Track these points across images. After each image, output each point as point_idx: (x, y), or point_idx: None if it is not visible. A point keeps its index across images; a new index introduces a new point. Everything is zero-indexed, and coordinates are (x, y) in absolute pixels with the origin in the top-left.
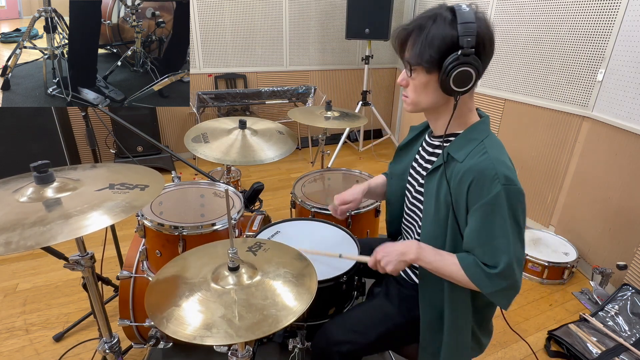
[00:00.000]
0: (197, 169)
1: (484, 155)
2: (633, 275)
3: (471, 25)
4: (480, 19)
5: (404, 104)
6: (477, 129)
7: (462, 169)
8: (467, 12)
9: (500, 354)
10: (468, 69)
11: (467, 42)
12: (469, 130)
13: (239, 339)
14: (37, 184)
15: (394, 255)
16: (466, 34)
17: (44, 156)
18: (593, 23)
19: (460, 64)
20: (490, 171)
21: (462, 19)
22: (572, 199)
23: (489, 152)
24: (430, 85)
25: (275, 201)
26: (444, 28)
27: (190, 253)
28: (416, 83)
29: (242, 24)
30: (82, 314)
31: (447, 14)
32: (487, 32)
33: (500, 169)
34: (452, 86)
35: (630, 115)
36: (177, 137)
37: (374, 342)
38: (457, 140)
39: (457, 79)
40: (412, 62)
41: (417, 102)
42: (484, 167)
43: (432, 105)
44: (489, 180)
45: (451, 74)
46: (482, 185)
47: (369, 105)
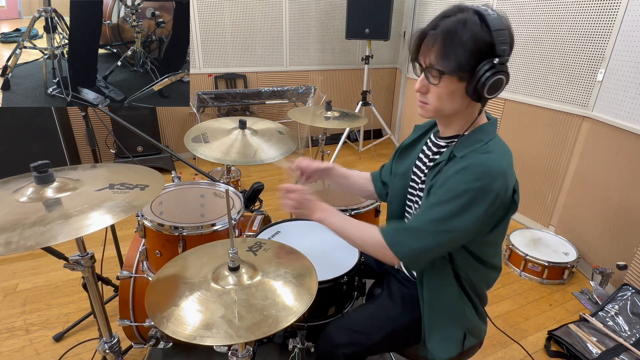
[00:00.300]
0: (197, 169)
1: (486, 154)
2: (633, 275)
3: (505, 33)
4: (509, 25)
5: (421, 110)
6: (485, 130)
7: (457, 162)
8: (497, 19)
9: (500, 354)
10: (502, 77)
11: (503, 50)
12: (476, 131)
13: (239, 339)
14: (37, 184)
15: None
16: (502, 41)
17: (44, 156)
18: (593, 23)
19: (497, 72)
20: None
21: (494, 26)
22: (572, 199)
23: (494, 152)
24: (457, 93)
25: (275, 201)
26: (478, 34)
27: (190, 253)
28: (441, 91)
29: (242, 24)
30: (82, 314)
31: (475, 18)
32: (513, 37)
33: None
34: (485, 94)
35: (630, 115)
36: (177, 137)
37: (379, 343)
38: (464, 140)
39: (492, 87)
40: (445, 70)
41: (440, 109)
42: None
43: (455, 111)
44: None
45: (487, 83)
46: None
47: (369, 105)
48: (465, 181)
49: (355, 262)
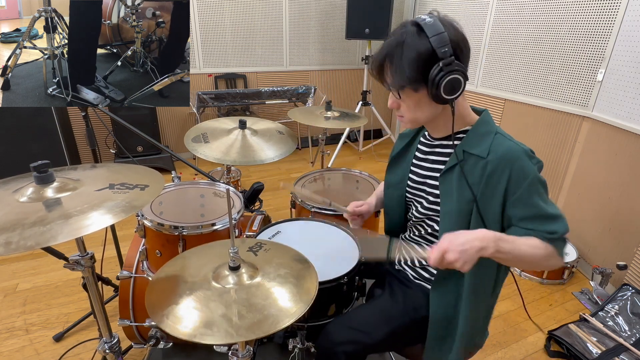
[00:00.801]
0: (197, 169)
1: (507, 142)
2: (633, 275)
3: (442, 36)
4: (447, 25)
5: (402, 123)
6: (485, 122)
7: (492, 163)
8: (433, 23)
9: (500, 354)
10: (455, 76)
11: (444, 52)
12: (477, 125)
13: (239, 338)
14: (37, 184)
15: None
16: (441, 44)
17: (44, 156)
18: (593, 23)
19: (445, 73)
20: (522, 156)
21: (431, 32)
22: (572, 199)
23: (510, 139)
24: (423, 101)
25: (275, 201)
26: (416, 45)
27: (190, 252)
28: (408, 103)
29: (242, 24)
30: (82, 314)
31: (413, 30)
32: (458, 34)
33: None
34: (444, 96)
35: (630, 115)
36: (177, 137)
37: (380, 342)
38: (469, 137)
39: (448, 88)
40: (396, 86)
41: (415, 119)
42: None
43: (430, 117)
44: (526, 164)
45: (440, 85)
46: (521, 171)
47: (369, 105)
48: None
49: (356, 262)
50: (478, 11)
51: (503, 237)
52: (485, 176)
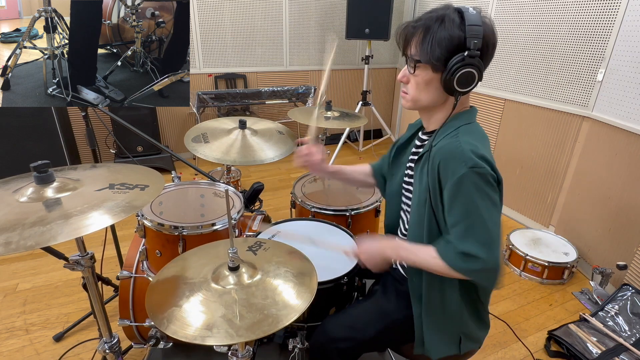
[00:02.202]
0: (197, 169)
1: (453, 138)
2: (633, 275)
3: (478, 28)
4: (486, 22)
5: (403, 100)
6: (459, 117)
7: (433, 152)
8: (474, 15)
9: (500, 354)
10: (472, 70)
11: (474, 44)
12: (451, 120)
13: (240, 338)
14: (37, 184)
15: (376, 259)
16: (473, 36)
17: (44, 156)
18: (593, 23)
19: (465, 65)
20: (456, 152)
21: (469, 21)
22: (572, 199)
23: (460, 136)
24: (433, 84)
25: (275, 201)
26: (452, 28)
27: (190, 253)
28: (418, 80)
29: (242, 24)
30: (82, 314)
31: (454, 15)
32: (492, 36)
33: (467, 151)
34: (455, 86)
35: (630, 115)
36: (177, 137)
37: (373, 339)
38: (440, 130)
39: (460, 80)
40: (419, 59)
41: (417, 99)
42: (450, 148)
43: (431, 103)
44: (455, 162)
45: (455, 74)
46: (448, 166)
47: (369, 105)
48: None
49: (356, 262)
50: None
51: (403, 246)
52: (431, 165)
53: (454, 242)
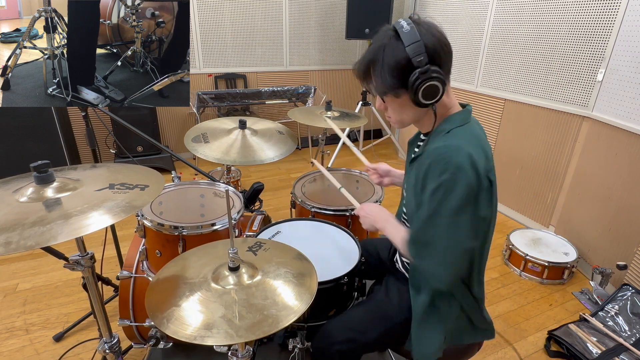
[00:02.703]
0: (197, 169)
1: (443, 142)
2: (633, 275)
3: (417, 45)
4: (423, 31)
5: (391, 123)
6: (450, 120)
7: (425, 154)
8: (409, 32)
9: (500, 354)
10: (432, 83)
11: (420, 61)
12: (443, 122)
13: (239, 339)
14: (37, 184)
15: (368, 222)
16: (416, 54)
17: (44, 156)
18: (593, 23)
19: (423, 81)
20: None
21: (407, 41)
22: (572, 199)
23: (450, 140)
24: (406, 104)
25: (275, 201)
26: (394, 54)
27: (190, 253)
28: (393, 106)
29: (242, 24)
30: (82, 314)
31: (391, 40)
32: (435, 40)
33: (454, 156)
34: (424, 101)
35: (630, 115)
36: (177, 137)
37: (374, 341)
38: (433, 133)
39: (426, 94)
40: (378, 93)
41: (401, 120)
42: (439, 151)
43: (416, 119)
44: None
45: (418, 92)
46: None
47: (369, 105)
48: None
49: (356, 262)
50: (478, 11)
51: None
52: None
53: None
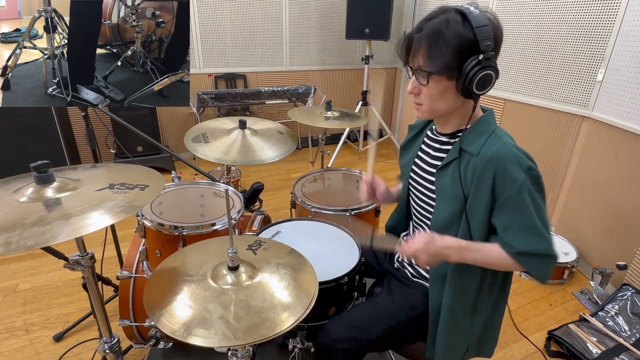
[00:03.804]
0: (197, 169)
1: (499, 142)
2: (633, 275)
3: (487, 28)
4: (492, 20)
5: (417, 112)
6: (486, 121)
7: (481, 161)
8: (480, 15)
9: (500, 354)
10: (490, 72)
11: (487, 45)
12: (477, 124)
13: (236, 341)
14: (37, 184)
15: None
16: (485, 37)
17: (44, 156)
18: (593, 23)
19: (483, 68)
20: (512, 159)
21: (476, 23)
22: (572, 199)
23: (503, 140)
24: (449, 91)
25: (275, 201)
26: (460, 33)
27: (190, 249)
28: (432, 91)
29: (242, 24)
30: (82, 314)
31: (457, 17)
32: (500, 33)
33: (520, 156)
34: (475, 90)
35: (630, 115)
36: (177, 137)
37: (377, 340)
38: (468, 134)
39: (481, 83)
40: (432, 71)
41: (434, 109)
42: (503, 155)
43: (449, 109)
44: (513, 167)
45: (474, 79)
46: (507, 174)
47: (369, 105)
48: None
49: (356, 262)
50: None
51: (469, 247)
52: (475, 175)
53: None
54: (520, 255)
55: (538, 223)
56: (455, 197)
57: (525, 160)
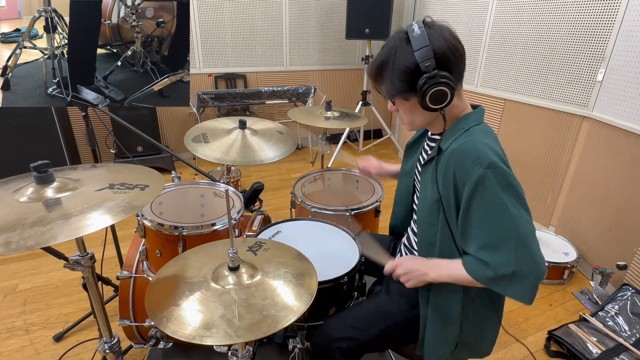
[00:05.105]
0: (197, 169)
1: (465, 138)
2: (633, 275)
3: (426, 50)
4: (434, 35)
5: (404, 125)
6: (467, 119)
7: (444, 158)
8: (419, 36)
9: (500, 354)
10: (439, 88)
11: (427, 66)
12: (458, 121)
13: (239, 339)
14: (37, 184)
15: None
16: (424, 59)
17: (44, 156)
18: (593, 23)
19: (430, 86)
20: (471, 153)
21: (416, 45)
22: (572, 199)
23: (471, 136)
24: (415, 108)
25: (275, 201)
26: (405, 58)
27: (190, 252)
28: (403, 108)
29: (242, 24)
30: (82, 314)
31: (403, 44)
32: (446, 44)
33: (482, 150)
34: (431, 106)
35: (630, 115)
36: (177, 137)
37: (374, 339)
38: (447, 132)
39: (434, 99)
40: (388, 96)
41: (412, 122)
42: (464, 150)
43: (427, 122)
44: (471, 162)
45: (426, 97)
46: (463, 168)
47: (369, 105)
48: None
49: (356, 262)
50: (478, 11)
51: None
52: (444, 171)
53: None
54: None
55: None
56: (432, 195)
57: (487, 155)
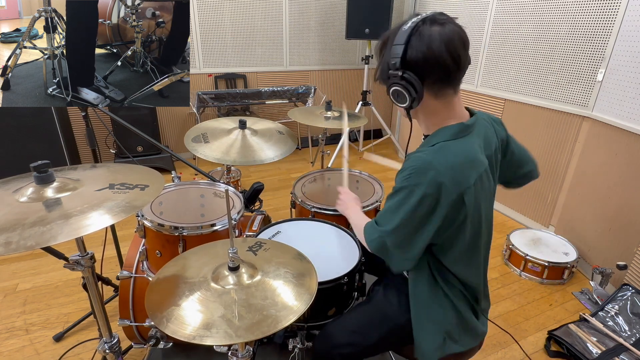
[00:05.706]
0: (197, 169)
1: (420, 154)
2: (633, 275)
3: (397, 48)
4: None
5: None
6: (441, 133)
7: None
8: (403, 32)
9: (500, 354)
10: (396, 88)
11: (392, 65)
12: (433, 134)
13: (239, 339)
14: (37, 184)
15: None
16: (393, 56)
17: (44, 156)
18: (593, 23)
19: (392, 83)
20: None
21: (395, 41)
22: (572, 199)
23: (427, 155)
24: None
25: (275, 201)
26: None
27: (190, 253)
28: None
29: (242, 24)
30: (82, 314)
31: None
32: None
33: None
34: (395, 102)
35: (630, 115)
36: (177, 137)
37: (376, 344)
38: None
39: (395, 97)
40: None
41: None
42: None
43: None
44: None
45: (389, 92)
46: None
47: (369, 105)
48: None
49: (356, 262)
50: (478, 11)
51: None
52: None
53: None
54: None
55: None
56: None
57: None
